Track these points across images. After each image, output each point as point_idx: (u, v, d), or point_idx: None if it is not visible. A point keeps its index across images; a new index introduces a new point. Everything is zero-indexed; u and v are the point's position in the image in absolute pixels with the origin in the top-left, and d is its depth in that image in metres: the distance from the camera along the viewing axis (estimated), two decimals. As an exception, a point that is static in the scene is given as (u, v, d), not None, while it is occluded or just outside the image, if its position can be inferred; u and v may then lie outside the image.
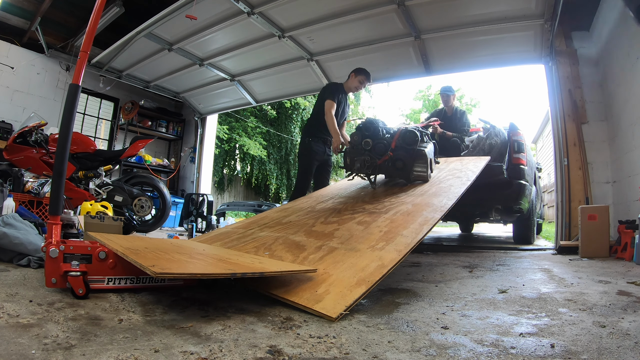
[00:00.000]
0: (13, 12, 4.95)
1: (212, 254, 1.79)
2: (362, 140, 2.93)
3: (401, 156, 2.86)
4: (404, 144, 2.88)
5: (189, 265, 1.51)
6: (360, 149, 2.93)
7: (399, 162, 2.87)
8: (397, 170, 2.89)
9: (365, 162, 2.90)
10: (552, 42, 3.73)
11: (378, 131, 2.98)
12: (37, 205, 3.17)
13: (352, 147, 3.01)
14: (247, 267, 1.44)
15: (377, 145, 2.91)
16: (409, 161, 2.85)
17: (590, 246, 3.15)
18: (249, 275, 1.32)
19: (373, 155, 2.91)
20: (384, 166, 2.93)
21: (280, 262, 1.70)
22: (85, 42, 1.67)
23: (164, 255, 1.54)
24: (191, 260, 1.62)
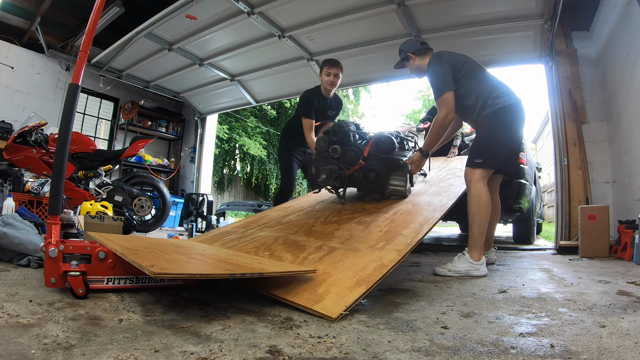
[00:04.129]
0: (13, 12, 4.96)
1: (211, 254, 1.79)
2: (329, 147, 2.58)
3: (375, 166, 2.49)
4: (379, 152, 2.51)
5: (188, 266, 1.51)
6: (327, 157, 2.59)
7: (371, 173, 2.51)
8: (369, 182, 2.53)
9: (332, 172, 2.53)
10: (552, 42, 3.73)
11: (349, 136, 2.62)
12: (37, 205, 3.17)
13: (318, 155, 2.65)
14: (247, 268, 1.43)
15: (346, 153, 2.55)
16: (383, 172, 2.49)
17: (590, 246, 3.15)
18: (248, 275, 1.31)
19: (342, 165, 2.55)
20: (354, 178, 2.58)
21: (280, 263, 1.70)
22: (85, 42, 1.67)
23: (163, 255, 1.54)
24: (190, 260, 1.62)
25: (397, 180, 2.52)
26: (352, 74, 4.94)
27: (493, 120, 2.18)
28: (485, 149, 2.21)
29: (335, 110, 3.42)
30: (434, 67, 2.28)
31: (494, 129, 2.19)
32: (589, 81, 4.10)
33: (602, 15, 3.93)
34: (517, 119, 2.22)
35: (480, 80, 2.24)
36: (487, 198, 2.15)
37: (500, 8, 3.47)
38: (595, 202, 3.79)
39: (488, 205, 2.17)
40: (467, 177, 2.22)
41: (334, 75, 3.17)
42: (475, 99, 2.22)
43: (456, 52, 2.39)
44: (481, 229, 2.15)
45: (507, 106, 2.17)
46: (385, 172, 2.50)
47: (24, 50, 5.30)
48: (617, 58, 3.64)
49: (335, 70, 3.18)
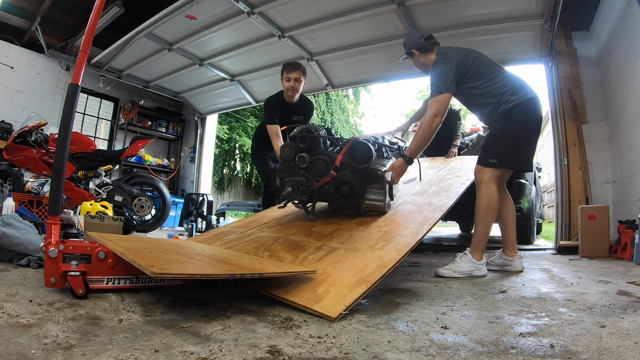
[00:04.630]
0: (13, 12, 4.96)
1: (211, 254, 1.79)
2: (295, 155, 2.31)
3: (348, 178, 2.21)
4: (354, 161, 2.23)
5: (188, 266, 1.51)
6: (292, 167, 2.32)
7: (345, 186, 2.22)
8: (342, 197, 2.24)
9: (299, 184, 2.25)
10: (552, 42, 3.73)
11: (318, 143, 2.35)
12: (37, 205, 3.17)
13: (283, 164, 2.37)
14: (247, 268, 1.43)
15: (315, 162, 2.28)
16: (359, 185, 2.20)
17: (590, 246, 3.15)
18: (248, 276, 1.31)
19: (310, 176, 2.27)
20: (325, 191, 2.28)
21: (280, 263, 1.70)
22: (85, 42, 1.67)
23: (163, 255, 1.54)
24: (190, 260, 1.61)
25: (374, 194, 2.22)
26: (352, 74, 4.95)
27: (509, 118, 2.09)
28: (501, 148, 2.12)
29: (302, 114, 3.25)
30: (438, 66, 2.19)
31: (511, 127, 2.11)
32: (589, 81, 4.10)
33: (602, 15, 3.93)
34: (534, 115, 2.14)
35: (493, 78, 2.16)
36: (496, 200, 2.12)
37: (500, 8, 3.47)
38: (595, 202, 3.79)
39: (496, 207, 2.13)
40: (478, 175, 2.17)
41: (294, 80, 3.02)
42: (491, 97, 2.14)
43: (464, 48, 2.28)
44: (486, 230, 2.13)
45: (524, 102, 2.09)
46: (360, 184, 2.20)
47: (24, 50, 5.30)
48: (617, 58, 3.64)
49: (295, 75, 3.01)
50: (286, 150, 2.35)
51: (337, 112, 14.67)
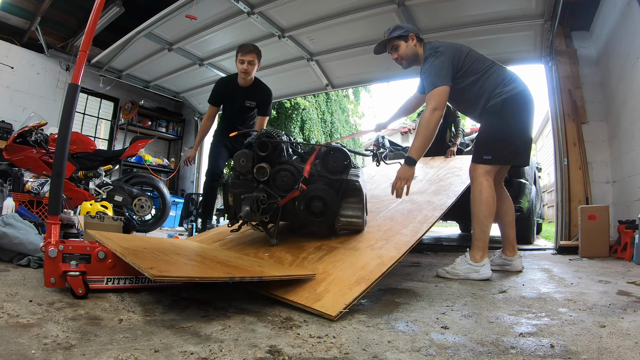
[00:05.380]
0: (13, 12, 4.96)
1: (211, 255, 1.78)
2: (254, 166, 1.94)
3: (321, 192, 1.90)
4: (327, 172, 1.93)
5: (187, 268, 1.51)
6: (250, 181, 1.96)
7: (317, 201, 1.89)
8: (313, 215, 1.91)
9: (259, 202, 1.89)
10: (552, 42, 3.73)
11: (281, 150, 2.02)
12: (37, 205, 3.17)
13: (238, 178, 2.01)
14: (246, 271, 1.43)
15: (279, 174, 1.94)
16: (333, 200, 1.89)
17: (590, 246, 3.15)
18: (248, 279, 1.32)
19: (273, 191, 1.93)
20: (291, 209, 1.94)
21: (280, 266, 1.69)
22: (85, 42, 1.67)
23: (162, 256, 1.54)
24: (190, 262, 1.61)
25: (351, 210, 1.94)
26: (352, 74, 4.95)
27: (501, 112, 2.04)
28: (495, 144, 2.06)
29: (256, 100, 3.00)
30: (431, 59, 2.08)
31: (503, 120, 2.05)
32: (589, 81, 4.10)
33: (602, 15, 3.93)
34: (526, 107, 2.09)
35: (485, 72, 2.10)
36: (488, 194, 2.03)
37: (500, 8, 3.47)
38: (595, 202, 3.79)
39: (490, 203, 2.04)
40: (471, 173, 2.13)
41: (248, 63, 2.84)
42: (482, 91, 2.09)
43: (455, 43, 2.19)
44: (483, 227, 2.06)
45: (515, 94, 2.05)
46: (335, 199, 1.89)
47: (24, 50, 5.30)
48: (617, 58, 3.64)
49: (249, 57, 2.83)
50: (241, 161, 1.95)
51: (337, 112, 14.67)
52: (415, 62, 2.24)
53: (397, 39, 2.20)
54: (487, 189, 2.05)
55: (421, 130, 2.01)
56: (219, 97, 3.01)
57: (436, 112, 1.99)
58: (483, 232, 2.07)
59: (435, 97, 2.01)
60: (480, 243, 2.06)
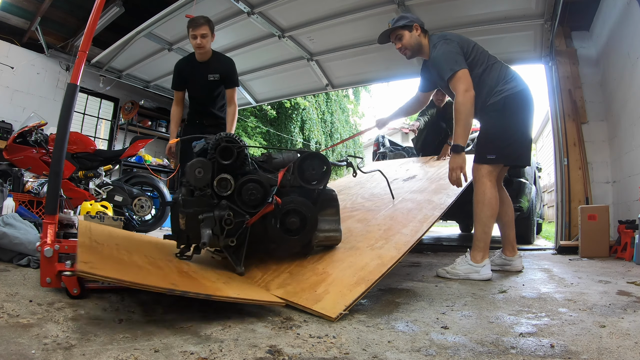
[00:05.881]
0: (13, 12, 4.95)
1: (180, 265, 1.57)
2: (214, 178, 1.61)
3: (299, 205, 1.65)
4: (303, 180, 1.70)
5: (132, 271, 1.28)
6: (209, 197, 1.62)
7: (292, 216, 1.63)
8: (288, 232, 1.65)
9: (223, 222, 1.57)
10: (552, 42, 3.73)
11: (246, 157, 1.71)
12: (37, 205, 3.17)
13: (191, 194, 1.64)
14: (199, 285, 1.24)
15: (247, 186, 1.64)
16: (311, 213, 1.66)
17: (590, 246, 3.15)
18: (191, 295, 1.14)
19: (239, 208, 1.62)
20: (261, 227, 1.66)
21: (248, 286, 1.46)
22: (84, 42, 1.66)
23: (120, 255, 1.40)
24: (146, 266, 1.39)
25: (329, 223, 1.76)
26: (352, 74, 4.95)
27: (503, 110, 2.01)
28: (498, 143, 2.03)
29: (219, 72, 2.81)
30: (442, 46, 2.04)
31: (505, 119, 2.02)
32: (589, 81, 4.10)
33: (602, 15, 3.93)
34: (527, 106, 2.08)
35: (488, 67, 2.09)
36: (491, 195, 2.03)
37: (500, 8, 3.47)
38: (595, 202, 3.79)
39: (492, 204, 2.04)
40: (474, 173, 2.09)
41: (200, 37, 2.68)
42: (483, 87, 2.06)
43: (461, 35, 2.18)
44: (484, 228, 2.06)
45: (517, 93, 2.04)
46: (314, 212, 1.67)
47: (24, 50, 5.29)
48: (617, 58, 3.64)
49: (201, 31, 2.67)
50: (197, 172, 1.58)
51: (337, 112, 14.68)
52: (418, 52, 2.20)
53: (402, 29, 2.16)
54: (490, 189, 2.05)
55: (459, 116, 1.95)
56: (180, 79, 2.87)
57: (468, 93, 1.95)
58: (485, 233, 2.07)
59: (462, 79, 1.96)
60: (481, 244, 2.06)
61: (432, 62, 2.13)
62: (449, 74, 1.98)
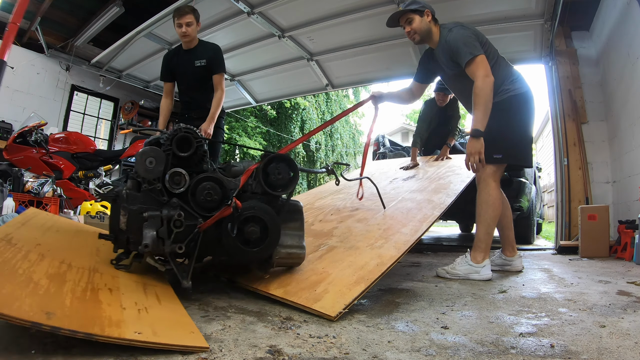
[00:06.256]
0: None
1: (99, 276, 1.25)
2: (166, 171, 1.41)
3: (261, 212, 1.44)
4: (268, 186, 1.50)
5: (5, 289, 0.93)
6: (158, 192, 1.40)
7: (252, 225, 1.42)
8: (246, 244, 1.43)
9: (171, 224, 1.34)
10: (552, 42, 3.73)
11: (204, 155, 1.53)
12: (37, 205, 3.17)
13: (137, 188, 1.43)
14: (90, 317, 0.94)
15: (202, 185, 1.42)
16: (274, 224, 1.45)
17: (590, 246, 3.15)
18: (65, 333, 0.84)
19: (192, 210, 1.41)
20: (213, 235, 1.42)
21: (174, 319, 1.12)
22: (16, 12, 1.54)
23: (19, 261, 1.12)
24: (41, 280, 1.05)
25: (292, 238, 1.55)
26: (352, 74, 4.95)
27: (509, 109, 1.99)
28: (504, 143, 2.00)
29: (205, 57, 2.80)
30: (459, 30, 2.01)
31: (510, 119, 2.00)
32: (589, 81, 4.11)
33: (602, 15, 3.93)
34: (531, 108, 2.08)
35: (496, 62, 2.06)
36: (496, 196, 2.03)
37: (500, 8, 3.47)
38: (595, 202, 3.79)
39: (497, 205, 2.03)
40: (479, 172, 2.07)
41: (186, 25, 2.68)
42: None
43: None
44: (488, 229, 2.05)
45: (522, 94, 2.04)
46: (278, 223, 1.46)
47: (24, 50, 5.29)
48: (617, 58, 3.64)
49: (187, 19, 2.67)
50: (149, 162, 1.37)
51: (337, 112, 14.68)
52: (427, 39, 2.15)
53: (413, 12, 2.12)
54: (495, 190, 2.04)
55: (479, 100, 1.92)
56: (168, 70, 2.88)
57: (488, 79, 1.91)
58: (488, 234, 2.06)
59: (481, 65, 1.93)
60: (483, 245, 2.05)
61: (446, 45, 2.05)
62: (468, 57, 1.94)
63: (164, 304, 1.21)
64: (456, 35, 2.01)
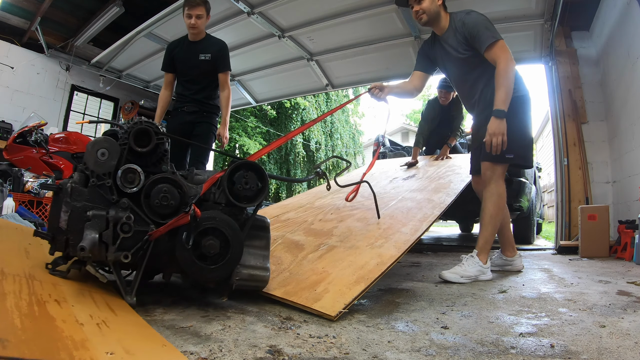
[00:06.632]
0: (13, 12, 4.95)
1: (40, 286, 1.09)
2: (118, 167, 1.25)
3: (223, 225, 1.27)
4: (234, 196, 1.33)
5: None
6: (106, 189, 1.23)
7: (211, 238, 1.25)
8: (203, 259, 1.26)
9: (118, 227, 1.19)
10: (552, 42, 3.73)
11: (164, 154, 1.36)
12: (37, 205, 3.17)
13: (84, 182, 1.24)
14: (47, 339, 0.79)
15: (159, 186, 1.26)
16: (236, 239, 1.28)
17: (590, 246, 3.15)
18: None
19: (143, 213, 1.25)
20: (166, 246, 1.26)
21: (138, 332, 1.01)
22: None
23: None
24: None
25: (255, 258, 1.40)
26: (352, 74, 4.96)
27: (516, 109, 1.96)
28: (516, 143, 1.97)
29: (211, 52, 2.75)
30: (477, 15, 1.99)
31: (518, 118, 1.98)
32: (589, 81, 4.11)
33: (602, 15, 3.94)
34: (530, 110, 2.08)
35: None
36: (505, 197, 2.02)
37: (500, 8, 3.47)
38: (595, 202, 3.79)
39: (504, 206, 2.03)
40: (488, 172, 2.02)
41: (196, 17, 2.62)
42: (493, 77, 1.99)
43: None
44: (495, 230, 2.05)
45: (524, 95, 2.04)
46: (241, 239, 1.30)
47: (24, 50, 5.29)
48: (617, 58, 3.64)
49: (197, 11, 2.62)
50: (100, 154, 1.24)
51: (337, 112, 14.68)
52: (434, 21, 2.10)
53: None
54: (504, 191, 2.03)
55: (503, 82, 1.90)
56: (170, 60, 2.79)
57: (512, 62, 1.91)
58: (494, 234, 2.06)
59: (505, 48, 1.92)
60: (488, 245, 2.04)
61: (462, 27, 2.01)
62: (491, 40, 1.92)
63: (121, 315, 1.07)
64: (476, 18, 1.99)
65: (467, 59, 2.05)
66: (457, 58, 2.10)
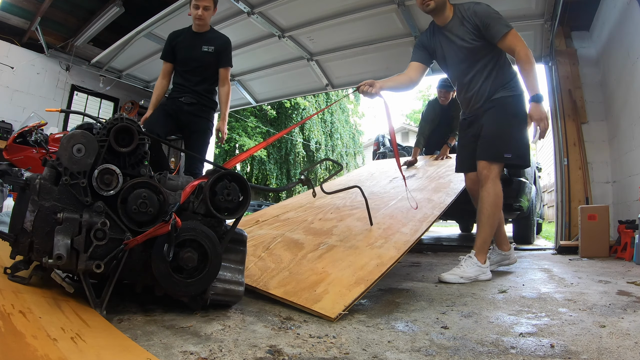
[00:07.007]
0: (13, 12, 4.96)
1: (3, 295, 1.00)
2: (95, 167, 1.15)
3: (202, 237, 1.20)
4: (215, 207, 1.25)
5: None
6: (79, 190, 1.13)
7: (189, 250, 1.18)
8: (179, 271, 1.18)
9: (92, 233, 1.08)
10: (552, 42, 3.73)
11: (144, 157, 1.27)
12: (37, 205, 3.17)
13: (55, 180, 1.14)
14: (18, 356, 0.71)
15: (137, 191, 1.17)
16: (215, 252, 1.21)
17: (590, 246, 3.15)
18: None
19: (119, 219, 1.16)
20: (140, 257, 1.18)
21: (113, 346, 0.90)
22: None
23: None
24: None
25: (231, 272, 1.33)
26: (352, 74, 4.95)
27: (516, 109, 1.97)
28: (514, 142, 1.97)
29: (214, 45, 2.68)
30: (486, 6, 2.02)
31: (515, 118, 1.97)
32: (589, 81, 4.11)
33: (602, 15, 3.94)
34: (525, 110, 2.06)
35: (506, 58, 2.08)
36: (502, 197, 2.02)
37: (500, 8, 3.41)
38: (595, 202, 3.79)
39: (501, 205, 2.03)
40: (485, 171, 1.99)
41: (203, 8, 2.55)
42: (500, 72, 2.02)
43: None
44: (493, 230, 2.05)
45: (521, 95, 2.05)
46: (218, 251, 1.22)
47: (24, 50, 5.30)
48: (617, 58, 3.64)
49: (204, 2, 2.55)
50: (76, 149, 1.13)
51: (337, 112, 14.69)
52: (439, 10, 2.05)
53: None
54: (501, 190, 2.02)
55: (531, 67, 1.93)
56: (171, 49, 2.71)
57: (529, 49, 1.95)
58: (492, 235, 2.07)
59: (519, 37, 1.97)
60: (486, 246, 2.05)
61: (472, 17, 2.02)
62: (506, 30, 1.96)
63: (94, 326, 0.97)
64: (486, 8, 2.01)
65: (474, 49, 2.04)
66: (462, 47, 2.06)
